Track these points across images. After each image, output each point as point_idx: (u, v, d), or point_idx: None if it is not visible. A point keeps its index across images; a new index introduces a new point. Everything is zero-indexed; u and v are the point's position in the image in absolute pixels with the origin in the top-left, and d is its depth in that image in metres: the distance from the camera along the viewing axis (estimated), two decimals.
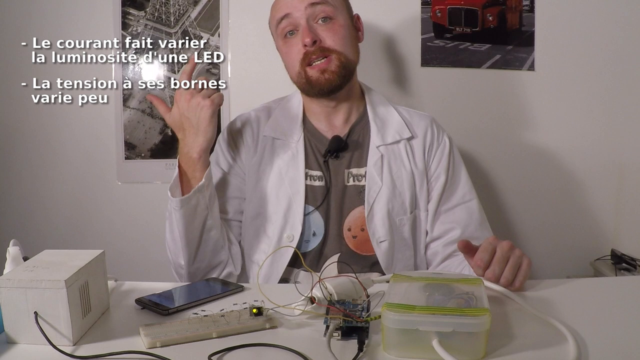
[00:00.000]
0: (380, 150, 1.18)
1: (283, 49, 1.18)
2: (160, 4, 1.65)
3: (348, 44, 1.16)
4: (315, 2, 1.13)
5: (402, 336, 0.66)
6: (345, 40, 1.16)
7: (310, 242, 1.17)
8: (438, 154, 1.21)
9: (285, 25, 1.15)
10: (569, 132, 1.74)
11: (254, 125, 1.23)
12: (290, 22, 1.15)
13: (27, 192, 1.72)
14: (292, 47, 1.16)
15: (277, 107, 1.26)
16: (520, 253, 0.91)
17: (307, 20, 1.14)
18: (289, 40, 1.16)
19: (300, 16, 1.14)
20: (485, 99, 1.71)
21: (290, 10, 1.14)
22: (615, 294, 0.91)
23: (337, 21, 1.16)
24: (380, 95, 1.27)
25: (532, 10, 1.68)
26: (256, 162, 1.20)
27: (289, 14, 1.14)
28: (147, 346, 0.69)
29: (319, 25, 1.14)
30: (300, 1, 1.14)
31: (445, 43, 1.68)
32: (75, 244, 1.69)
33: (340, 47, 1.15)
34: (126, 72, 1.68)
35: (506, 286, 0.87)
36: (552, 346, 0.69)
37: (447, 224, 1.18)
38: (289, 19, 1.15)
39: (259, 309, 0.76)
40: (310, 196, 1.17)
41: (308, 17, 1.14)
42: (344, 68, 1.15)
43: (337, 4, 1.17)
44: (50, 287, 0.69)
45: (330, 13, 1.14)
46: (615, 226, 1.78)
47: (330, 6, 1.14)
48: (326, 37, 1.14)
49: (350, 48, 1.17)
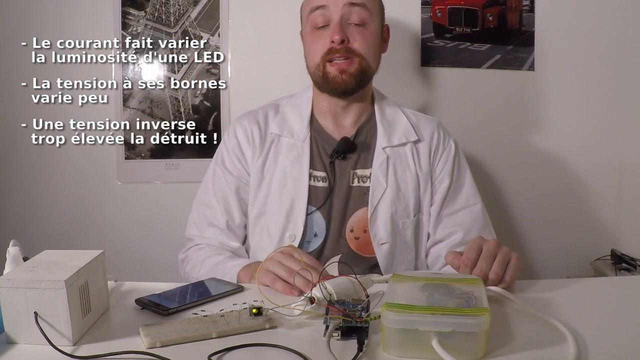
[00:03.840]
0: (386, 151, 1.18)
1: (309, 37, 1.18)
2: (160, 4, 1.65)
3: (372, 52, 1.17)
4: (354, 2, 1.13)
5: (402, 336, 0.66)
6: (371, 47, 1.16)
7: (312, 242, 1.17)
8: (443, 157, 1.21)
9: (318, 15, 1.14)
10: (569, 132, 1.74)
11: (261, 123, 1.23)
12: (324, 15, 1.14)
13: (27, 192, 1.72)
14: (318, 39, 1.15)
15: (286, 104, 1.25)
16: (507, 250, 0.89)
17: (342, 17, 1.13)
18: (317, 32, 1.16)
19: (336, 11, 1.13)
20: (485, 99, 1.71)
21: (328, 3, 1.13)
22: (615, 294, 0.91)
23: (369, 28, 1.15)
24: (390, 100, 1.27)
25: (532, 10, 1.68)
26: (261, 161, 1.20)
27: (326, 6, 1.13)
28: (147, 346, 0.69)
29: (351, 26, 1.14)
30: None
31: (445, 43, 1.68)
32: (75, 244, 1.69)
33: (366, 52, 1.14)
34: (126, 72, 1.68)
35: (496, 282, 0.85)
36: (552, 346, 0.69)
37: (450, 227, 1.18)
38: (323, 10, 1.14)
39: (258, 309, 0.76)
40: (313, 196, 1.17)
41: (343, 14, 1.13)
42: (362, 73, 1.15)
43: (374, 11, 1.16)
44: (50, 287, 0.69)
45: (365, 18, 1.14)
46: (615, 226, 1.78)
47: (367, 11, 1.14)
48: (355, 39, 1.14)
49: (373, 56, 1.17)
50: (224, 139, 1.25)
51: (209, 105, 1.69)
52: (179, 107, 1.69)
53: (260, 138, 1.21)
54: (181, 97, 1.68)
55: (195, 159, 1.68)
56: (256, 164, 1.20)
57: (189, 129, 1.68)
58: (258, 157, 1.20)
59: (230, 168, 1.22)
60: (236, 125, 1.24)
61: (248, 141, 1.21)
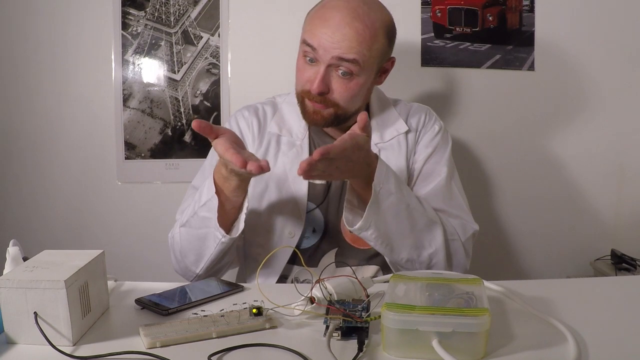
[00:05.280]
0: (378, 147, 1.19)
1: (299, 62, 1.13)
2: (160, 4, 1.65)
3: (356, 100, 1.12)
4: (344, 58, 1.05)
5: (402, 336, 0.66)
6: (354, 97, 1.11)
7: (310, 238, 1.18)
8: (425, 137, 1.21)
9: (308, 51, 1.09)
10: (568, 132, 1.74)
11: (260, 118, 1.23)
12: (313, 55, 1.08)
13: (27, 192, 1.72)
14: (305, 71, 1.11)
15: (283, 103, 1.26)
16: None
17: (328, 67, 1.07)
18: (306, 63, 1.11)
19: (323, 58, 1.06)
20: (485, 99, 1.71)
21: (318, 47, 1.06)
22: (615, 294, 0.91)
23: (357, 80, 1.09)
24: (381, 91, 1.27)
25: (532, 10, 1.68)
26: (261, 155, 1.20)
27: (316, 50, 1.07)
28: (147, 346, 0.69)
29: (336, 75, 1.08)
30: (332, 47, 1.05)
31: (445, 43, 1.68)
32: (75, 244, 1.69)
33: (345, 102, 1.10)
34: (126, 72, 1.67)
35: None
36: (552, 346, 0.69)
37: None
38: (313, 51, 1.07)
39: (258, 309, 0.76)
40: (312, 194, 1.17)
41: (331, 64, 1.07)
42: (336, 118, 1.12)
43: (367, 64, 1.08)
44: (50, 287, 0.69)
45: (353, 71, 1.07)
46: (615, 226, 1.78)
47: (357, 66, 1.06)
48: (336, 90, 1.09)
49: (357, 102, 1.13)
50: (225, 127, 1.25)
51: (209, 105, 1.69)
52: (179, 107, 1.69)
53: (259, 130, 1.22)
54: (181, 97, 1.68)
55: (195, 159, 1.68)
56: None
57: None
58: (257, 150, 1.20)
59: None
60: (237, 115, 1.25)
61: (249, 129, 1.22)
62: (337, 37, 1.04)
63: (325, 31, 1.05)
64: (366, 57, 1.07)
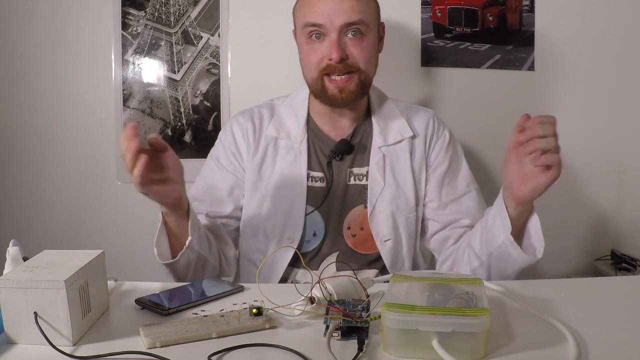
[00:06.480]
0: (382, 150, 1.18)
1: (304, 48, 1.13)
2: (160, 4, 1.65)
3: (372, 62, 1.15)
4: (351, 22, 1.08)
5: (402, 336, 0.66)
6: (371, 57, 1.13)
7: (311, 242, 1.18)
8: (437, 145, 1.22)
9: (313, 30, 1.10)
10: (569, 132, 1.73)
11: (256, 122, 1.22)
12: (319, 31, 1.10)
13: (27, 192, 1.72)
14: (315, 51, 1.11)
15: (281, 105, 1.25)
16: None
17: (339, 34, 1.09)
18: (313, 42, 1.11)
19: (332, 28, 1.08)
20: (485, 99, 1.71)
21: (324, 21, 1.08)
22: (615, 294, 0.91)
23: (367, 38, 1.11)
24: (381, 92, 1.27)
25: (532, 10, 1.68)
26: (258, 161, 1.20)
27: (322, 25, 1.09)
28: (147, 346, 0.69)
29: (348, 39, 1.10)
30: (337, 15, 1.08)
31: (445, 43, 1.68)
32: (75, 244, 1.69)
33: (365, 65, 1.12)
34: (126, 72, 1.67)
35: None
36: (552, 346, 0.69)
37: (455, 213, 1.18)
38: (320, 28, 1.09)
39: (258, 309, 0.76)
40: (311, 197, 1.17)
41: (340, 31, 1.09)
42: (362, 87, 1.13)
43: (371, 21, 1.12)
44: (50, 287, 0.69)
45: (362, 30, 1.10)
46: (615, 226, 1.78)
47: (364, 25, 1.10)
48: (354, 53, 1.10)
49: (372, 65, 1.15)
50: (221, 136, 1.25)
51: (209, 105, 1.69)
52: (179, 107, 1.69)
53: (254, 136, 1.21)
54: (181, 97, 1.68)
55: (195, 159, 1.67)
56: (252, 163, 1.20)
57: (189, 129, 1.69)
58: (254, 156, 1.20)
59: (225, 164, 1.22)
60: (232, 122, 1.24)
61: (243, 137, 1.21)
62: (337, 5, 1.08)
63: (324, 4, 1.08)
64: (368, 15, 1.11)
